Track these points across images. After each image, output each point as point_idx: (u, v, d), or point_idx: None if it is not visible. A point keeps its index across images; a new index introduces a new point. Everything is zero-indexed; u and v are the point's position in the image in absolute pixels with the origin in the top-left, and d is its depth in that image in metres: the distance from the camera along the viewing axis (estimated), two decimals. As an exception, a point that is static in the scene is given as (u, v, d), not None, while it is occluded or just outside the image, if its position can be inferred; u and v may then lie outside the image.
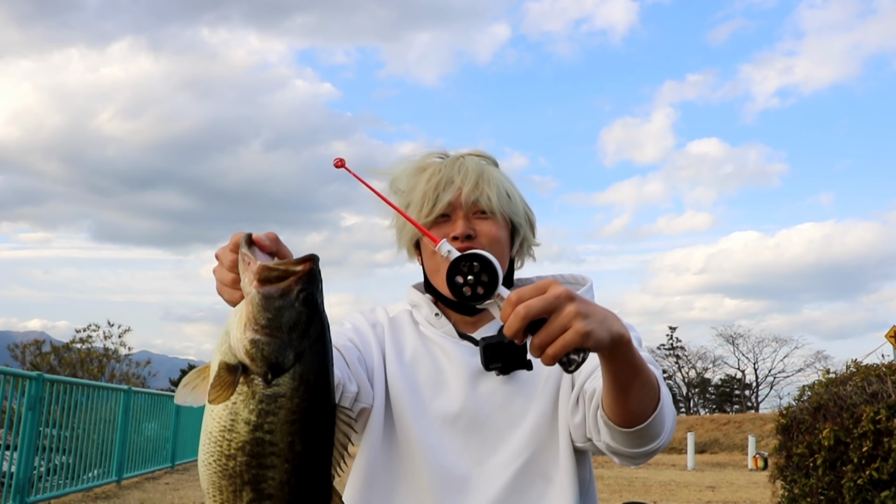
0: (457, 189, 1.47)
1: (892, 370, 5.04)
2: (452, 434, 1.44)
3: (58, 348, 31.53)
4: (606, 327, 1.02)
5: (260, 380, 0.90)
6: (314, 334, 0.92)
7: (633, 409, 1.18)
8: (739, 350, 54.60)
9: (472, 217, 1.48)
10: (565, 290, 0.99)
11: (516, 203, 1.53)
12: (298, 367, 0.90)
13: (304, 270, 0.92)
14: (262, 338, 0.89)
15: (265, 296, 0.90)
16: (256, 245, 0.98)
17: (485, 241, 1.46)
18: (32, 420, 7.91)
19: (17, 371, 8.32)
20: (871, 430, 4.56)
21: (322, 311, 0.94)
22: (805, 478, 4.96)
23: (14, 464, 7.67)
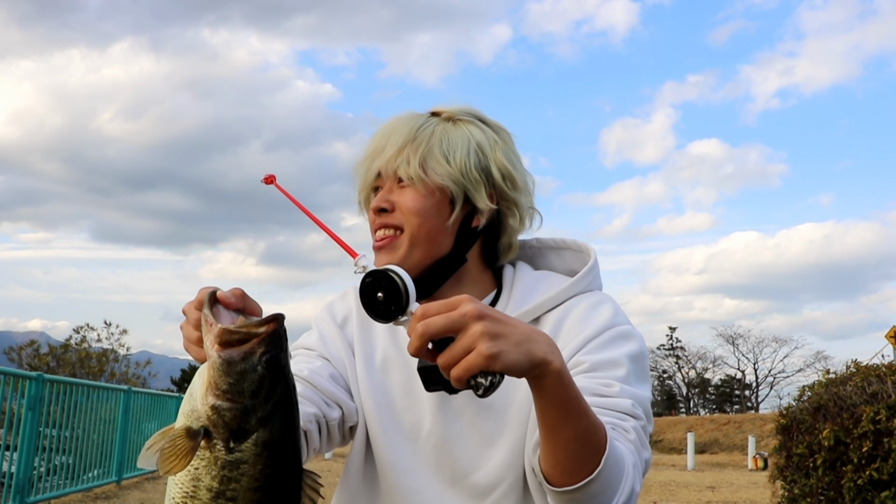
0: (382, 157, 1.31)
1: (892, 370, 5.04)
2: (424, 452, 1.30)
3: (55, 348, 31.54)
4: (524, 350, 0.90)
5: (222, 445, 0.87)
6: (278, 398, 0.89)
7: (561, 461, 1.01)
8: (739, 350, 54.69)
9: (396, 187, 1.31)
10: (476, 307, 0.89)
11: (457, 164, 1.29)
12: (261, 432, 0.88)
13: (267, 332, 0.89)
14: (223, 403, 0.87)
15: (226, 360, 0.87)
16: (221, 303, 0.94)
17: (401, 213, 1.29)
18: (32, 420, 7.91)
19: (18, 371, 8.32)
20: (871, 430, 4.56)
21: (287, 373, 0.91)
22: (805, 478, 4.96)
23: (14, 464, 7.67)
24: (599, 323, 1.26)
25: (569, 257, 1.44)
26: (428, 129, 1.32)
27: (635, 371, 1.22)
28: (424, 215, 1.29)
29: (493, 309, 0.92)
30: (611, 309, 1.29)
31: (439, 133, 1.32)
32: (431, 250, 1.30)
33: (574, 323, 1.27)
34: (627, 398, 1.16)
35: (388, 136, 1.33)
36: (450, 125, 1.34)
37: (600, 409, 1.12)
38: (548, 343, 0.94)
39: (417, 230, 1.29)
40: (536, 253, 1.47)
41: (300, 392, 1.25)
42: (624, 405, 1.14)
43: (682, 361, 57.73)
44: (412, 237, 1.29)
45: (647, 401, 1.21)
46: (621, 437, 1.10)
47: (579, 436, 0.98)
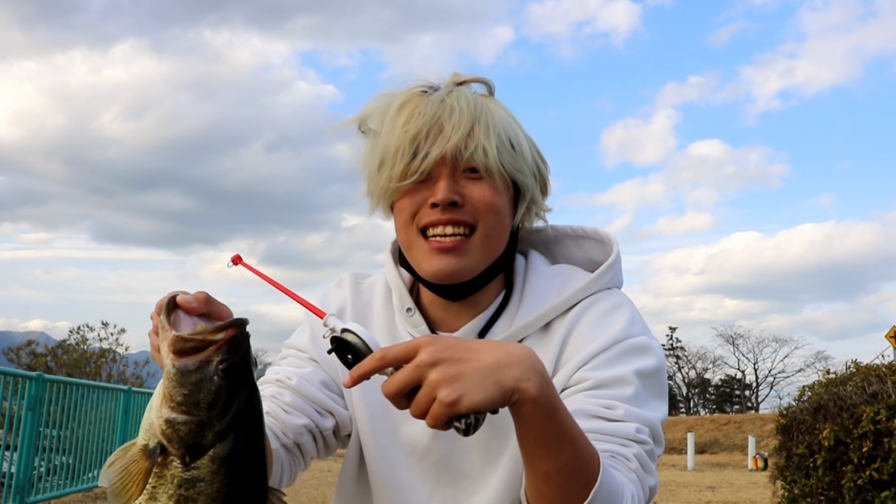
0: (442, 140, 1.10)
1: (893, 370, 5.04)
2: (422, 468, 1.20)
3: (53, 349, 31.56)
4: (490, 383, 0.84)
5: (178, 462, 0.81)
6: (237, 411, 0.82)
7: (545, 494, 0.93)
8: (739, 350, 54.69)
9: (461, 177, 1.12)
10: (430, 354, 0.84)
11: (523, 155, 1.15)
12: (219, 447, 0.81)
13: (225, 339, 0.81)
14: (178, 416, 0.80)
15: (180, 369, 0.81)
16: (181, 308, 0.86)
17: (476, 210, 1.13)
18: (32, 420, 7.90)
19: (18, 371, 8.32)
20: (871, 430, 4.56)
21: (249, 383, 0.84)
22: (805, 478, 4.96)
23: (14, 464, 7.67)
24: (610, 334, 1.13)
25: (588, 247, 1.29)
26: (487, 107, 1.14)
27: (646, 388, 1.10)
28: (499, 212, 1.14)
29: (453, 347, 0.86)
30: (626, 317, 1.15)
31: (496, 113, 1.14)
32: (495, 252, 1.17)
33: (583, 331, 1.15)
34: (633, 421, 1.05)
35: (440, 111, 1.12)
36: (491, 103, 1.16)
37: (600, 434, 1.04)
38: (522, 367, 0.86)
39: (493, 229, 1.14)
40: (552, 240, 1.32)
41: (289, 402, 1.20)
42: (627, 430, 1.04)
43: (682, 361, 57.73)
44: (486, 238, 1.14)
45: (658, 421, 1.09)
46: (621, 467, 1.01)
47: (563, 468, 0.90)
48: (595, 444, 0.99)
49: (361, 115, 1.20)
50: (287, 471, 1.21)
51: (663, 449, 1.12)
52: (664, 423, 1.12)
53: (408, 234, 1.16)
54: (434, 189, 1.12)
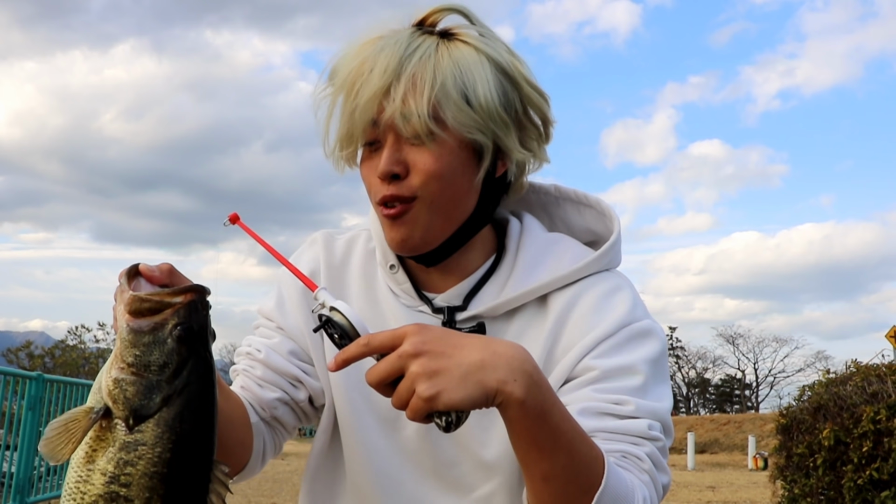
0: (380, 102, 1.01)
1: (892, 370, 5.04)
2: (403, 436, 1.14)
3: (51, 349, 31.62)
4: (471, 383, 0.81)
5: (122, 425, 0.78)
6: (188, 376, 0.79)
7: (543, 500, 0.89)
8: (739, 350, 54.73)
9: (406, 143, 1.03)
10: (414, 344, 0.82)
11: (481, 107, 1.02)
12: (165, 412, 0.78)
13: (183, 302, 0.80)
14: (126, 377, 0.78)
15: (133, 329, 0.79)
16: (144, 277, 0.85)
17: (416, 181, 1.03)
18: (33, 420, 7.91)
19: (18, 371, 8.32)
20: (871, 430, 4.56)
21: (203, 348, 0.81)
22: (805, 478, 4.96)
23: (14, 464, 7.67)
24: (614, 318, 1.08)
25: (589, 216, 1.23)
26: (428, 58, 1.02)
27: (654, 375, 1.06)
28: (448, 178, 1.04)
29: (438, 340, 0.83)
30: (628, 299, 1.11)
31: (446, 62, 1.02)
32: (455, 215, 1.08)
33: (584, 314, 1.10)
34: (644, 417, 1.01)
35: (373, 67, 1.02)
36: (452, 46, 1.05)
37: (611, 433, 1.00)
38: (508, 368, 0.82)
39: (439, 196, 1.05)
40: (552, 202, 1.25)
41: (260, 376, 1.17)
42: (638, 428, 1.00)
43: (682, 361, 57.74)
44: (432, 205, 1.05)
45: (667, 411, 1.05)
46: (633, 468, 0.97)
47: (559, 472, 0.86)
48: (606, 444, 0.97)
49: (334, 66, 1.09)
50: (270, 443, 1.19)
51: (673, 438, 1.08)
52: (671, 410, 1.08)
53: (372, 205, 1.11)
54: (378, 160, 1.04)
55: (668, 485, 1.03)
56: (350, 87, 1.03)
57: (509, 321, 1.13)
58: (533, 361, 0.85)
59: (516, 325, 1.13)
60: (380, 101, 1.01)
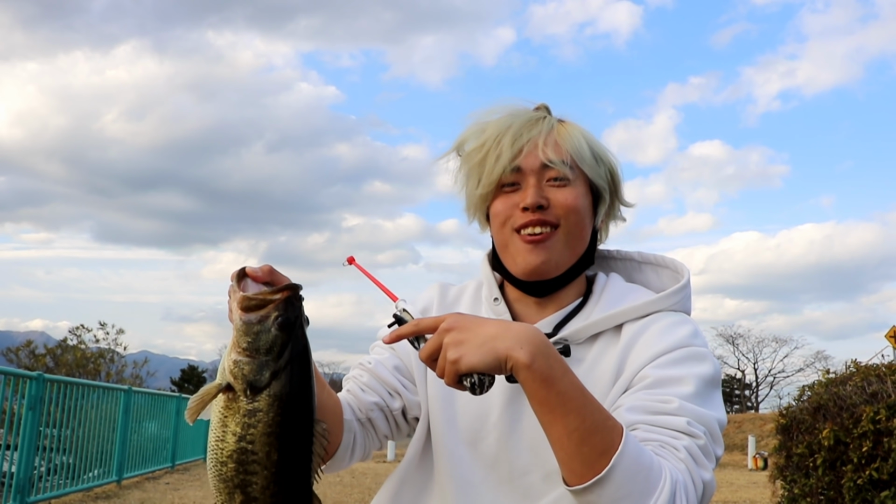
0: (526, 149, 1.28)
1: (892, 370, 5.04)
2: (485, 445, 1.30)
3: (53, 349, 31.60)
4: (485, 350, 1.01)
5: (243, 396, 1.01)
6: (289, 356, 1.02)
7: (563, 459, 1.01)
8: (739, 350, 54.67)
9: (546, 185, 1.29)
10: (448, 323, 1.04)
11: (601, 163, 1.33)
12: (274, 385, 1.01)
13: (281, 299, 1.02)
14: (242, 359, 1.01)
15: (245, 322, 1.01)
16: (249, 277, 1.08)
17: (560, 212, 1.28)
18: (33, 420, 7.91)
19: (18, 371, 8.32)
20: (870, 430, 4.56)
21: (299, 334, 1.03)
22: (805, 478, 4.96)
23: (15, 464, 7.67)
24: (675, 340, 1.23)
25: (666, 276, 1.43)
26: (558, 125, 1.32)
27: (704, 392, 1.17)
28: (582, 213, 1.30)
29: (466, 319, 1.04)
30: (690, 329, 1.26)
31: (575, 130, 1.32)
32: (578, 250, 1.32)
33: (651, 337, 1.25)
34: (685, 416, 1.11)
35: (518, 127, 1.30)
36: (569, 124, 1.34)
37: (651, 426, 1.10)
38: (516, 339, 1.01)
39: (574, 227, 1.30)
40: (635, 267, 1.46)
41: (365, 382, 1.39)
42: (678, 423, 1.10)
43: (682, 361, 57.55)
44: (568, 235, 1.29)
45: (715, 421, 1.14)
46: (669, 456, 1.06)
47: (572, 433, 0.99)
48: (645, 434, 1.09)
49: (459, 141, 1.37)
50: (360, 443, 1.37)
51: (722, 451, 1.15)
52: (723, 428, 1.15)
53: (503, 235, 1.32)
54: (524, 195, 1.28)
55: (710, 482, 1.09)
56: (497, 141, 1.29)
57: (590, 346, 1.30)
58: (543, 336, 1.03)
59: (595, 349, 1.29)
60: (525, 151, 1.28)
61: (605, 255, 1.47)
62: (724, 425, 1.16)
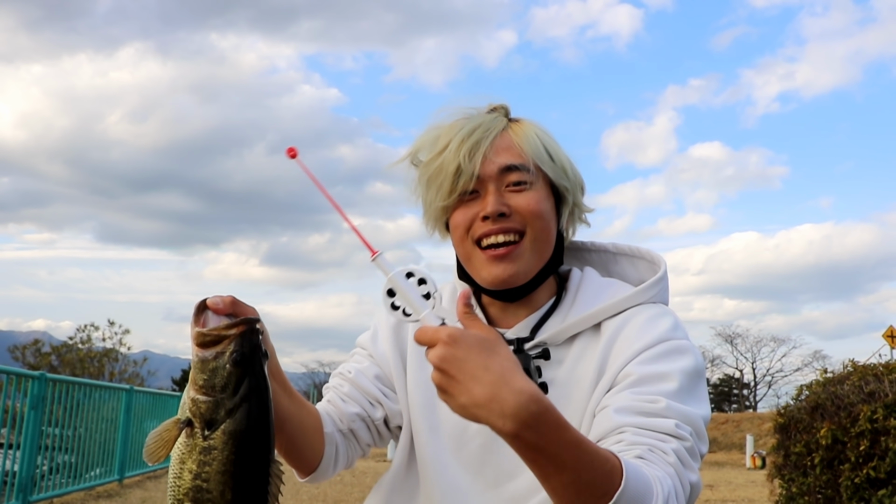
0: (482, 155, 1.22)
1: (890, 369, 5.07)
2: (469, 451, 1.28)
3: (58, 348, 31.58)
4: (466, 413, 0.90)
5: (200, 434, 1.00)
6: (244, 393, 1.00)
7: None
8: (738, 350, 54.64)
9: (506, 190, 1.24)
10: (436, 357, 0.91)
11: (562, 164, 1.27)
12: (229, 423, 0.99)
13: (236, 334, 1.00)
14: (199, 396, 1.00)
15: (201, 359, 1.00)
16: (210, 309, 1.04)
17: (523, 218, 1.23)
18: (35, 419, 7.93)
19: (20, 370, 8.34)
20: (868, 429, 4.59)
21: (256, 369, 1.01)
22: (803, 476, 4.99)
23: (17, 463, 7.70)
24: (656, 334, 1.21)
25: (642, 267, 1.39)
26: (513, 126, 1.27)
27: (688, 387, 1.15)
28: (546, 217, 1.25)
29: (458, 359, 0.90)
30: (670, 322, 1.24)
31: (530, 130, 1.26)
32: (545, 254, 1.27)
33: (631, 333, 1.23)
34: (673, 417, 1.09)
35: (473, 132, 1.23)
36: (524, 123, 1.29)
37: (640, 429, 1.08)
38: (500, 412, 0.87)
39: (540, 233, 1.24)
40: (610, 259, 1.42)
41: (346, 392, 1.36)
42: (666, 425, 1.08)
43: (681, 361, 57.53)
44: (534, 241, 1.25)
45: (700, 419, 1.12)
46: (659, 461, 1.03)
47: (568, 486, 0.92)
48: (634, 438, 1.06)
49: (413, 149, 1.31)
50: (343, 453, 1.35)
51: (707, 448, 1.14)
52: (707, 423, 1.14)
53: (465, 247, 1.28)
54: (483, 203, 1.23)
55: (697, 483, 1.09)
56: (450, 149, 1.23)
57: (569, 347, 1.28)
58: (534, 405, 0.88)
59: (575, 349, 1.27)
60: (481, 157, 1.21)
61: (580, 246, 1.43)
62: (708, 420, 1.15)
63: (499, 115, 1.29)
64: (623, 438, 1.07)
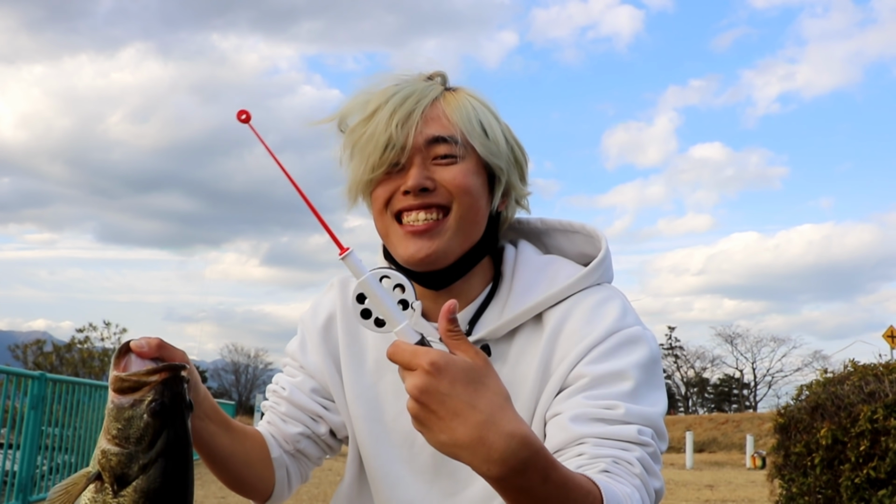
0: (409, 124, 1.11)
1: (890, 370, 5.07)
2: (419, 461, 1.21)
3: (59, 348, 31.61)
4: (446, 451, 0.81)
5: (110, 489, 0.89)
6: (161, 447, 0.89)
7: None
8: (738, 350, 54.69)
9: (432, 163, 1.13)
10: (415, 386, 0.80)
11: (496, 140, 1.16)
12: (142, 480, 0.88)
13: (157, 381, 0.90)
14: (111, 448, 0.89)
15: (116, 406, 0.90)
16: (134, 353, 0.95)
17: (449, 193, 1.13)
18: (35, 419, 7.93)
19: (20, 370, 8.34)
20: (868, 429, 4.60)
21: (176, 421, 0.90)
22: (803, 476, 4.99)
23: (17, 463, 7.70)
24: (604, 326, 1.12)
25: (579, 241, 1.29)
26: (448, 96, 1.16)
27: (645, 381, 1.09)
28: (474, 194, 1.14)
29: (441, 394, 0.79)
30: (618, 308, 1.15)
31: (465, 100, 1.16)
32: (471, 236, 1.16)
33: (576, 325, 1.14)
34: (634, 422, 1.03)
35: (402, 100, 1.12)
36: (460, 93, 1.18)
37: (602, 438, 1.02)
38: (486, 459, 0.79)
39: (467, 211, 1.14)
40: (542, 233, 1.31)
41: (284, 412, 1.28)
42: (628, 433, 1.02)
43: (680, 361, 57.74)
44: (460, 220, 1.14)
45: (659, 416, 1.07)
46: (625, 473, 0.98)
47: None
48: (596, 450, 1.00)
49: (341, 114, 1.20)
50: (295, 473, 1.30)
51: (667, 443, 1.10)
52: (664, 415, 1.10)
53: (383, 221, 1.17)
54: (406, 176, 1.13)
55: (660, 490, 1.04)
56: (379, 118, 1.12)
57: (510, 341, 1.19)
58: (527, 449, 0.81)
59: (516, 344, 1.18)
60: (407, 126, 1.11)
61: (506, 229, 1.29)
62: (665, 412, 1.10)
63: (435, 83, 1.18)
64: (584, 451, 1.01)
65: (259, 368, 57.13)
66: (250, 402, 46.25)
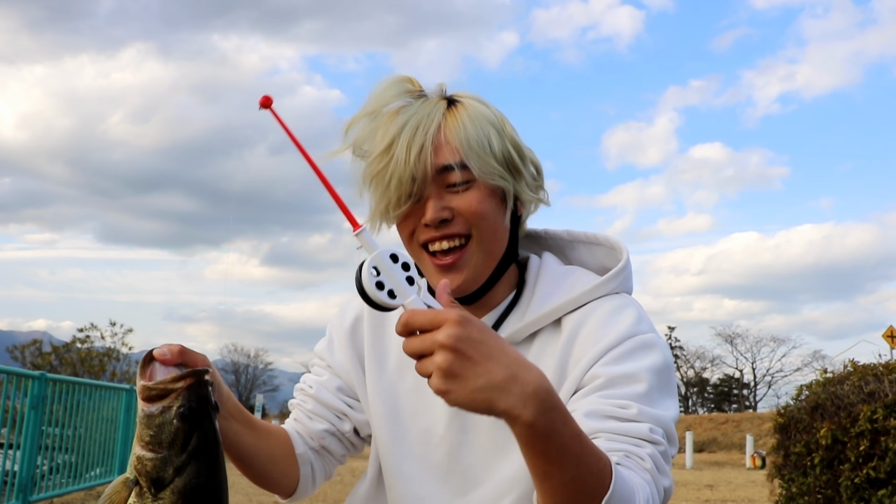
0: (419, 156, 1.15)
1: (890, 369, 5.07)
2: (435, 459, 1.25)
3: (58, 348, 31.57)
4: (481, 399, 0.83)
5: (148, 493, 0.94)
6: (192, 449, 0.94)
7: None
8: (738, 350, 54.69)
9: (446, 192, 1.17)
10: (449, 337, 0.82)
11: (495, 154, 1.18)
12: (178, 481, 0.93)
13: (183, 387, 0.94)
14: (146, 454, 0.94)
15: (147, 414, 0.94)
16: (157, 361, 0.99)
17: (467, 221, 1.17)
18: (35, 419, 7.94)
19: (20, 370, 8.35)
20: (868, 429, 4.60)
21: (205, 423, 0.95)
22: (803, 476, 5.00)
23: (17, 462, 7.70)
24: (619, 331, 1.15)
25: (600, 253, 1.34)
26: (449, 119, 1.18)
27: (658, 386, 1.12)
28: (491, 216, 1.18)
29: (473, 340, 0.83)
30: (634, 315, 1.19)
31: (465, 120, 1.18)
32: (495, 254, 1.22)
33: (592, 329, 1.18)
34: (646, 421, 1.06)
35: (416, 132, 1.15)
36: (461, 108, 1.20)
37: (615, 434, 1.05)
38: (521, 396, 0.83)
39: (487, 234, 1.19)
40: (566, 245, 1.37)
41: (310, 409, 1.34)
42: (641, 430, 1.05)
43: (680, 361, 57.67)
44: (481, 243, 1.19)
45: (671, 420, 1.10)
46: (636, 467, 1.01)
47: (567, 483, 0.89)
48: (609, 444, 1.03)
49: (354, 141, 1.23)
50: (319, 469, 1.34)
51: (677, 449, 1.12)
52: (676, 422, 1.12)
53: (412, 250, 1.23)
54: (425, 208, 1.17)
55: (669, 488, 1.07)
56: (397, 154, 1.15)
57: (529, 344, 1.24)
58: (549, 387, 0.86)
59: (535, 347, 1.23)
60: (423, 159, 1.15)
61: (533, 235, 1.37)
62: (677, 419, 1.13)
63: (436, 101, 1.20)
64: (597, 445, 1.00)
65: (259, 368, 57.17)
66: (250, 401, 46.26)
